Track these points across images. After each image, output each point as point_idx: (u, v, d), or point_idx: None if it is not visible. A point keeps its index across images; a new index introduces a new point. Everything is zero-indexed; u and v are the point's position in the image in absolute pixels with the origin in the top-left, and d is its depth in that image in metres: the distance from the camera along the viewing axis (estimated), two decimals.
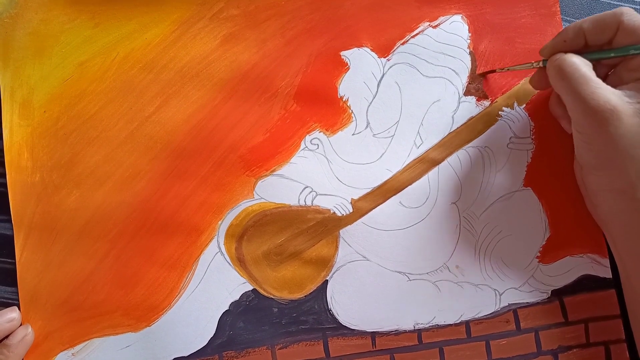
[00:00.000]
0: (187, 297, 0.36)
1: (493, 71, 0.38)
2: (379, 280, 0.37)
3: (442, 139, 0.38)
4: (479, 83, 0.38)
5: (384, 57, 0.38)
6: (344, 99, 0.38)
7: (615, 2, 0.40)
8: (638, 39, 0.31)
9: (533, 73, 0.36)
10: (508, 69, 0.37)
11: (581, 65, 0.31)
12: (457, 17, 0.38)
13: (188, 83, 0.37)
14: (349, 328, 0.36)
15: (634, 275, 0.33)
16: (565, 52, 0.32)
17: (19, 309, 0.35)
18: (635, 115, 0.29)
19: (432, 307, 0.37)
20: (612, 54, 0.32)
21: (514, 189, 0.38)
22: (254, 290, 0.37)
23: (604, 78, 0.33)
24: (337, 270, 0.37)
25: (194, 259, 0.36)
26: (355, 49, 0.38)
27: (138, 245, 0.36)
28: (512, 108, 0.38)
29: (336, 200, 0.37)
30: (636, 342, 0.35)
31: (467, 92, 0.38)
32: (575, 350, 0.37)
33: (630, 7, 0.40)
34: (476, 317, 0.37)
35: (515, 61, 0.38)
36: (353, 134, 0.38)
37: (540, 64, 0.34)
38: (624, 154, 0.30)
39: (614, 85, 0.31)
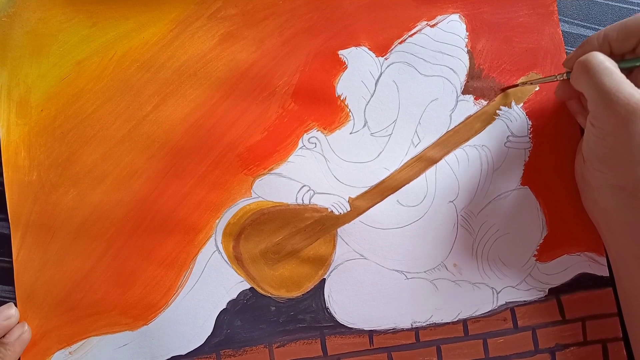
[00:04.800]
0: (185, 295, 0.36)
1: (515, 85, 0.37)
2: (377, 279, 0.37)
3: (440, 137, 0.38)
4: (477, 82, 0.38)
5: (382, 56, 0.38)
6: (341, 98, 0.38)
7: (612, 3, 0.40)
8: None
9: (531, 74, 0.36)
10: (531, 83, 0.37)
11: (606, 60, 0.31)
12: (455, 16, 0.39)
13: (186, 82, 0.37)
14: (347, 326, 0.37)
15: (633, 272, 0.33)
16: None
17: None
18: None
19: (429, 306, 0.37)
20: (638, 63, 0.32)
21: (511, 187, 0.38)
22: (251, 288, 0.37)
23: None
24: (334, 269, 0.37)
25: (192, 257, 0.36)
26: (353, 48, 0.38)
27: (135, 244, 0.36)
28: (510, 107, 0.38)
29: (334, 198, 0.37)
30: (630, 340, 0.35)
31: (465, 91, 0.38)
32: (572, 348, 0.37)
33: (626, 7, 0.40)
34: (473, 315, 0.37)
35: (512, 60, 0.38)
36: (351, 133, 0.38)
37: (564, 77, 0.34)
38: (635, 152, 0.30)
39: None
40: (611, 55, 0.33)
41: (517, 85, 0.37)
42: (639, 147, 0.29)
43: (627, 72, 0.33)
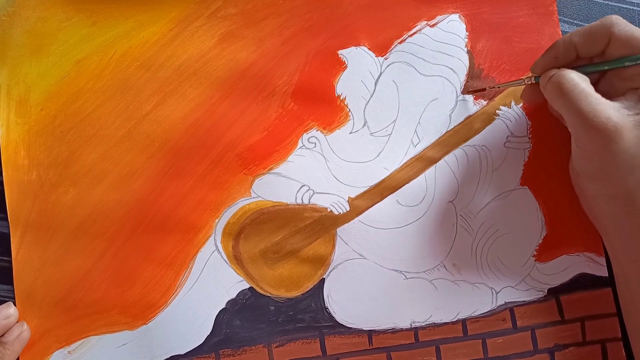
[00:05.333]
0: (184, 295, 0.36)
1: (484, 89, 0.37)
2: (376, 279, 0.37)
3: (439, 137, 0.38)
4: (476, 81, 0.38)
5: (382, 56, 0.38)
6: (341, 98, 0.38)
7: (612, 3, 0.40)
8: (632, 50, 0.30)
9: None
10: (499, 87, 0.37)
11: (580, 81, 0.30)
12: (455, 16, 0.38)
13: (185, 81, 0.37)
14: (346, 326, 0.37)
15: (630, 276, 0.33)
16: (558, 67, 0.32)
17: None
18: (635, 128, 0.29)
19: (428, 306, 0.37)
20: (607, 67, 0.32)
21: (510, 187, 0.38)
22: (250, 288, 0.37)
23: (595, 84, 0.33)
24: (334, 269, 0.37)
25: (191, 257, 0.36)
26: (353, 47, 0.38)
27: (135, 244, 0.36)
28: (510, 107, 0.38)
29: (333, 198, 0.37)
30: (631, 341, 0.35)
31: (464, 91, 0.38)
32: (571, 348, 0.37)
33: (626, 7, 0.40)
34: (473, 315, 0.37)
35: (512, 60, 0.38)
36: (350, 133, 0.38)
37: (532, 80, 0.34)
38: (623, 166, 0.30)
39: (607, 94, 0.31)
40: (578, 59, 0.33)
41: (484, 90, 0.37)
42: (625, 162, 0.30)
43: (601, 74, 0.33)
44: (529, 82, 0.34)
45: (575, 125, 0.31)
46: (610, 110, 0.29)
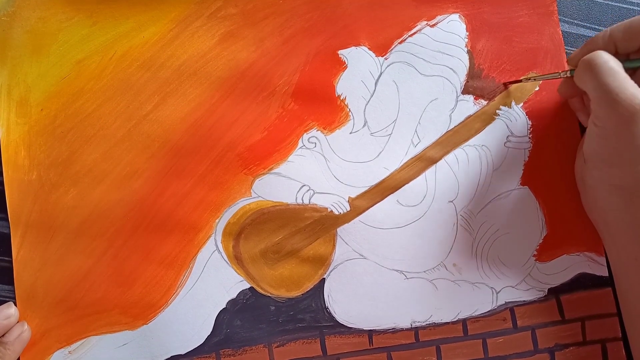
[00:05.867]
0: (185, 295, 0.36)
1: (519, 81, 0.37)
2: (376, 279, 0.37)
3: (440, 137, 0.38)
4: (477, 81, 0.38)
5: (382, 56, 0.38)
6: (341, 98, 0.38)
7: (612, 3, 0.40)
8: None
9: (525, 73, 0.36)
10: (534, 79, 0.37)
11: (611, 59, 0.30)
12: (455, 16, 0.39)
13: (186, 81, 0.37)
14: (346, 326, 0.37)
15: (631, 274, 0.33)
16: None
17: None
18: None
19: (429, 306, 0.37)
20: None
21: (511, 187, 0.38)
22: (251, 288, 0.37)
23: None
24: (334, 269, 0.37)
25: (192, 257, 0.36)
26: (353, 47, 0.38)
27: (135, 244, 0.36)
28: (510, 107, 0.38)
29: (333, 198, 0.37)
30: (629, 340, 0.35)
31: (464, 91, 0.38)
32: (571, 348, 0.37)
33: (626, 7, 0.40)
34: (473, 315, 0.37)
35: (512, 60, 0.38)
36: (350, 133, 0.38)
37: (568, 74, 0.34)
38: (637, 153, 0.30)
39: None
40: (616, 54, 0.33)
41: (520, 81, 0.37)
42: None
43: (632, 71, 0.33)
44: (565, 76, 0.34)
45: (599, 101, 0.30)
46: (637, 91, 0.29)
